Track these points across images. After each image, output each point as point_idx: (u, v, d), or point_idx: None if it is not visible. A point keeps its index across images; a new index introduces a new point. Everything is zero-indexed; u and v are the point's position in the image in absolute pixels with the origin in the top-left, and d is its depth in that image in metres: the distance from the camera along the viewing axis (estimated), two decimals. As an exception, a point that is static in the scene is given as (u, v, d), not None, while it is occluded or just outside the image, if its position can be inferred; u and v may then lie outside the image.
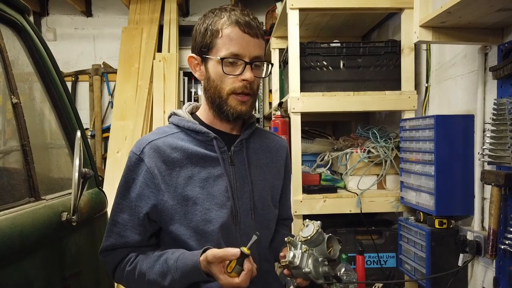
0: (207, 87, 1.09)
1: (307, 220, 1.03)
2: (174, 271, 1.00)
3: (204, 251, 0.98)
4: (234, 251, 0.93)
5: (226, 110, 1.07)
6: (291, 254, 0.99)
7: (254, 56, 1.05)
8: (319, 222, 1.02)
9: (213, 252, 0.95)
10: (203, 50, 1.07)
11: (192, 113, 1.18)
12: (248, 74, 1.04)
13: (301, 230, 1.02)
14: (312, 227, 1.00)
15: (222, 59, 1.03)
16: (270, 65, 1.13)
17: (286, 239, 1.03)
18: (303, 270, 0.98)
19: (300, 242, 1.01)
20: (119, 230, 1.07)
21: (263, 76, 1.11)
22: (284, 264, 1.01)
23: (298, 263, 0.98)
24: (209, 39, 1.05)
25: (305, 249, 0.99)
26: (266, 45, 1.13)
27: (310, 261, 0.99)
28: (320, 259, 1.01)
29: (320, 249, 1.01)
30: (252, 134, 1.18)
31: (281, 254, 1.10)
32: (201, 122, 1.14)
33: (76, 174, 1.11)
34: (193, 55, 1.11)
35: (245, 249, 0.94)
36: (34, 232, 1.04)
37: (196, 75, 1.12)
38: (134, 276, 1.06)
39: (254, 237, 0.95)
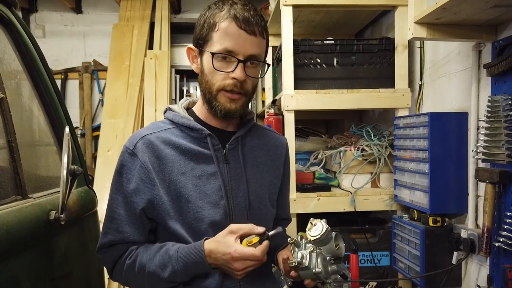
0: (200, 81, 1.07)
1: (312, 218, 1.01)
2: (175, 261, 0.98)
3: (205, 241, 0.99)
4: (260, 228, 0.97)
5: (215, 106, 1.05)
6: (299, 255, 0.97)
7: (249, 54, 1.01)
8: (324, 220, 1.00)
9: (238, 224, 0.98)
10: (200, 43, 1.05)
11: (188, 109, 1.16)
12: (239, 73, 1.00)
13: (309, 229, 0.99)
14: (321, 226, 0.97)
15: (213, 53, 1.00)
16: (266, 66, 1.09)
17: (289, 239, 1.01)
18: (313, 271, 0.96)
19: (304, 242, 0.99)
20: (117, 226, 1.05)
21: (259, 76, 1.08)
22: (292, 265, 0.97)
23: (307, 263, 0.96)
24: (205, 32, 1.03)
25: (312, 249, 0.97)
26: (267, 45, 1.09)
27: (319, 260, 0.97)
28: (327, 257, 0.99)
29: (328, 247, 0.99)
30: (250, 131, 1.16)
31: (284, 256, 1.07)
32: (196, 118, 1.12)
33: (65, 172, 1.07)
34: (192, 46, 1.09)
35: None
36: (21, 231, 1.00)
37: (193, 67, 1.10)
38: (134, 270, 1.03)
39: (279, 228, 0.99)
